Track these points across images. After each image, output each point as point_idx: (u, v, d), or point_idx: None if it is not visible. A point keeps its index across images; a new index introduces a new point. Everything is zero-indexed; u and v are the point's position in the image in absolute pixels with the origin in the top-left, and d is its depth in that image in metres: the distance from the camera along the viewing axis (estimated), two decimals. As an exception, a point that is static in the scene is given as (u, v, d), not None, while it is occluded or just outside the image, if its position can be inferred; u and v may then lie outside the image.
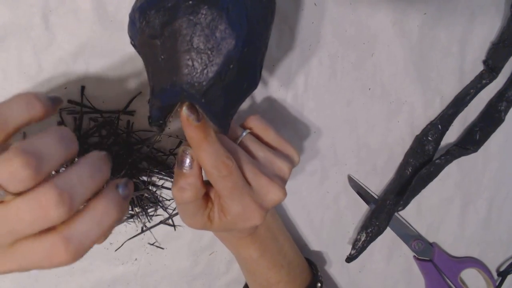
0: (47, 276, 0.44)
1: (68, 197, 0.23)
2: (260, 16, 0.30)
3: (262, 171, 0.33)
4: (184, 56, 0.28)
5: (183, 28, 0.28)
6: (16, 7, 0.38)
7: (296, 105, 0.46)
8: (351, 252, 0.50)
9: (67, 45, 0.40)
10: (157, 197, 0.44)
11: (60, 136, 0.25)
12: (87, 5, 0.39)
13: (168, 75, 0.29)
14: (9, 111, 0.24)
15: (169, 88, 0.29)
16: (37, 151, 0.23)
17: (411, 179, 0.50)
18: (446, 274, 0.53)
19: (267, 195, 0.33)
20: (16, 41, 0.39)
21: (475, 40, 0.49)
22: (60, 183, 0.23)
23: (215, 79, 0.28)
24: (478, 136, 0.51)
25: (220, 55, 0.28)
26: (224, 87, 0.29)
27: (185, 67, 0.28)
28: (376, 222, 0.49)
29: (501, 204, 0.55)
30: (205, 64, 0.28)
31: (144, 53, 0.31)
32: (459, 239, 0.54)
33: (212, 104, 0.30)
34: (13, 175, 0.22)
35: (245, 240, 0.40)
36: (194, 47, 0.28)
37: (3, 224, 0.22)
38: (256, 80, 0.32)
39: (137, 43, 0.32)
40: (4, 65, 0.39)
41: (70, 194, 0.23)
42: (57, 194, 0.22)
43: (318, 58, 0.45)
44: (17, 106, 0.25)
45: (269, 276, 0.42)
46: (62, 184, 0.23)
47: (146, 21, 0.29)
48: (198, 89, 0.29)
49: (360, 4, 0.45)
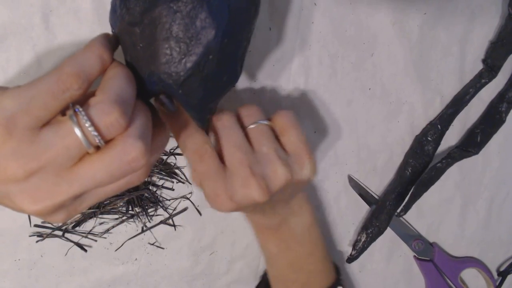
0: (47, 276, 0.44)
1: (144, 144, 0.26)
2: (243, 8, 0.30)
3: (251, 163, 0.32)
4: (162, 45, 0.28)
5: (163, 16, 0.27)
6: (16, 7, 0.38)
7: (296, 105, 0.46)
8: (352, 252, 0.50)
9: (67, 45, 0.40)
10: (157, 197, 0.44)
11: (128, 77, 0.28)
12: (87, 5, 0.39)
13: (146, 64, 0.29)
14: (88, 64, 0.26)
15: (146, 77, 0.29)
16: (123, 99, 0.25)
17: (411, 179, 0.50)
18: (446, 274, 0.53)
19: (241, 188, 0.31)
20: (16, 41, 0.39)
21: (475, 40, 0.49)
22: (139, 134, 0.26)
23: (193, 70, 0.28)
24: (479, 138, 0.51)
25: (200, 45, 0.28)
26: (203, 78, 0.29)
27: (163, 56, 0.28)
28: (376, 223, 0.49)
29: (501, 204, 0.55)
30: (183, 54, 0.28)
31: (123, 41, 0.30)
32: (459, 239, 0.54)
33: (189, 95, 0.29)
34: (113, 125, 0.24)
35: (265, 233, 0.40)
36: (173, 35, 0.28)
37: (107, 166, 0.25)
38: (237, 74, 0.32)
39: (117, 31, 0.31)
40: (4, 65, 0.39)
41: (144, 141, 0.26)
42: (142, 146, 0.25)
43: (318, 58, 0.45)
44: (92, 61, 0.27)
45: (286, 273, 0.42)
46: (141, 135, 0.26)
47: (126, 8, 0.29)
48: (175, 79, 0.28)
49: (360, 4, 0.45)
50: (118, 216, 0.44)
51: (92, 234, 0.44)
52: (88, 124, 0.24)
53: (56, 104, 0.24)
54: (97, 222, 0.44)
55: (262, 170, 0.32)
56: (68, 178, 0.25)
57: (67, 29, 0.39)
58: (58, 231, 0.43)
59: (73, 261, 0.44)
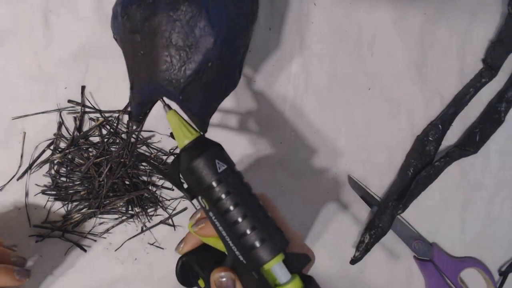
0: (47, 275, 0.44)
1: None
2: (242, 16, 0.30)
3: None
4: (162, 52, 0.28)
5: (163, 24, 0.28)
6: (16, 7, 0.38)
7: (296, 105, 0.46)
8: (355, 254, 0.50)
9: (67, 45, 0.40)
10: (157, 197, 0.44)
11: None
12: (87, 5, 0.39)
13: (146, 71, 0.29)
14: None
15: (147, 84, 0.29)
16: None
17: (412, 179, 0.50)
18: (446, 274, 0.53)
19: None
20: (16, 41, 0.39)
21: (475, 40, 0.49)
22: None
23: (193, 77, 0.28)
24: (478, 137, 0.51)
25: (199, 53, 0.28)
26: (202, 85, 0.29)
27: (163, 63, 0.28)
28: (379, 224, 0.49)
29: (501, 204, 0.55)
30: (183, 61, 0.28)
31: (125, 48, 0.31)
32: (459, 239, 0.54)
33: (189, 101, 0.29)
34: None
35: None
36: (173, 43, 0.28)
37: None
38: (236, 80, 0.32)
39: (118, 38, 0.32)
40: (4, 65, 0.39)
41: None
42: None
43: (318, 58, 0.45)
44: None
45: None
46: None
47: (127, 16, 0.29)
48: (175, 86, 0.29)
49: (360, 4, 0.45)
50: (118, 216, 0.44)
51: (92, 234, 0.44)
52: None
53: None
54: (97, 222, 0.44)
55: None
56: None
57: (67, 29, 0.39)
58: (57, 231, 0.43)
59: (73, 261, 0.44)
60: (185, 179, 0.29)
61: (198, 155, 0.27)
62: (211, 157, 0.27)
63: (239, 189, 0.27)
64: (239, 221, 0.27)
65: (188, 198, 0.29)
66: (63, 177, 0.42)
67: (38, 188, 0.42)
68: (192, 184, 0.28)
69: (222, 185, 0.27)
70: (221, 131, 0.45)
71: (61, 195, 0.42)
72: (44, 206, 0.43)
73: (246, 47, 0.32)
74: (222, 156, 0.28)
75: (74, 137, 0.41)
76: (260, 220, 0.27)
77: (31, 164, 0.41)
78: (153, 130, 0.43)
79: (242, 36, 0.31)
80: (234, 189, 0.27)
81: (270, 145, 0.46)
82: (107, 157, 0.42)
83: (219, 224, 0.28)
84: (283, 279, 0.27)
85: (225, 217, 0.27)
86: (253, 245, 0.27)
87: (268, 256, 0.27)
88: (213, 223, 0.28)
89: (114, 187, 0.43)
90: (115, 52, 0.40)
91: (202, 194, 0.28)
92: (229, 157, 0.29)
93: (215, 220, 0.28)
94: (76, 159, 0.42)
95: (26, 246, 0.43)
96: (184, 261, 0.33)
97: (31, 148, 0.41)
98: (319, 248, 0.51)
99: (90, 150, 0.42)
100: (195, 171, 0.27)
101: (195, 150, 0.28)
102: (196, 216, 0.32)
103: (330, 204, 0.50)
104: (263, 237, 0.27)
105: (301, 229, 0.50)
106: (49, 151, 0.42)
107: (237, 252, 0.28)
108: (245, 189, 0.28)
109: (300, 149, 0.47)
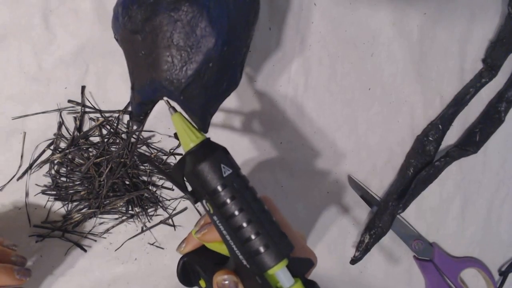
0: (47, 275, 0.44)
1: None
2: (242, 16, 0.30)
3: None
4: (164, 52, 0.28)
5: (164, 24, 0.28)
6: (16, 7, 0.38)
7: (296, 105, 0.46)
8: (355, 254, 0.50)
9: (67, 45, 0.40)
10: (157, 197, 0.44)
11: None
12: (87, 5, 0.39)
13: (147, 71, 0.29)
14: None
15: (148, 84, 0.29)
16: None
17: (413, 179, 0.50)
18: (446, 274, 0.53)
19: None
20: (16, 41, 0.39)
21: (475, 40, 0.49)
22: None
23: (194, 77, 0.28)
24: (477, 137, 0.51)
25: (200, 53, 0.28)
26: (203, 85, 0.29)
27: (164, 63, 0.28)
28: (379, 224, 0.49)
29: (501, 204, 0.55)
30: (184, 61, 0.28)
31: (126, 48, 0.31)
32: (459, 239, 0.54)
33: (190, 101, 0.29)
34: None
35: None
36: (174, 43, 0.28)
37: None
38: (237, 80, 0.32)
39: (119, 38, 0.32)
40: (4, 65, 0.39)
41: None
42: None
43: (318, 58, 0.45)
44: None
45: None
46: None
47: (128, 16, 0.29)
48: (177, 86, 0.29)
49: (360, 4, 0.45)
50: (118, 216, 0.44)
51: (92, 234, 0.44)
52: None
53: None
54: (97, 222, 0.44)
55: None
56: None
57: (67, 29, 0.39)
58: (57, 231, 0.43)
59: (73, 261, 0.44)
60: (190, 182, 0.29)
61: (204, 159, 0.27)
62: (217, 162, 0.27)
63: (244, 194, 0.27)
64: (244, 226, 0.27)
65: (192, 202, 0.29)
66: (63, 177, 0.42)
67: (38, 188, 0.42)
68: (196, 188, 0.28)
69: (227, 190, 0.27)
70: (221, 130, 0.45)
71: (61, 195, 0.42)
72: (44, 206, 0.43)
73: (247, 47, 0.32)
74: (227, 160, 0.28)
75: (74, 137, 0.41)
76: (265, 225, 0.27)
77: (31, 164, 0.41)
78: (153, 130, 0.43)
79: (243, 36, 0.31)
80: (239, 194, 0.27)
81: (270, 145, 0.46)
82: (107, 157, 0.42)
83: (223, 228, 0.28)
84: (287, 284, 0.27)
85: (230, 221, 0.27)
86: (257, 250, 0.27)
87: (273, 262, 0.27)
88: (217, 227, 0.28)
89: (114, 187, 0.43)
90: (115, 52, 0.40)
91: (207, 198, 0.28)
92: (234, 161, 0.29)
93: (219, 224, 0.28)
94: (76, 159, 0.42)
95: (26, 246, 0.43)
96: (186, 261, 0.33)
97: (31, 148, 0.41)
98: (319, 248, 0.51)
99: (90, 150, 0.42)
100: (200, 175, 0.27)
101: (200, 154, 0.28)
102: (200, 223, 0.32)
103: (330, 204, 0.50)
104: (268, 242, 0.27)
105: (301, 229, 0.50)
106: (49, 151, 0.42)
107: (240, 257, 0.28)
108: (250, 194, 0.28)
109: (300, 149, 0.47)
